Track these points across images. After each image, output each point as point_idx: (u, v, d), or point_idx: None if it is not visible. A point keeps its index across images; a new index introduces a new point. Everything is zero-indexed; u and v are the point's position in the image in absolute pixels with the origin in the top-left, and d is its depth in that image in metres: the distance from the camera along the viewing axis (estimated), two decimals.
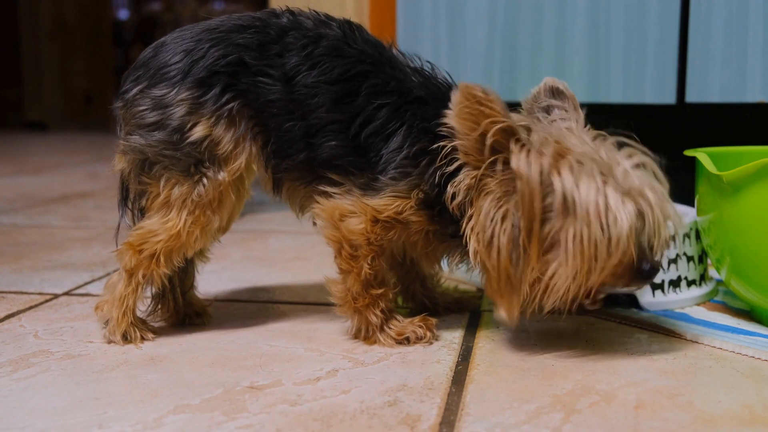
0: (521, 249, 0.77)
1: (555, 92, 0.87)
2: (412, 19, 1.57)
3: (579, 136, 0.80)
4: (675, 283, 1.02)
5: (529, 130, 0.79)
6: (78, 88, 5.77)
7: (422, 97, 0.85)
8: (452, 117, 0.79)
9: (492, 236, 0.79)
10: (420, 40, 1.57)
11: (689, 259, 1.04)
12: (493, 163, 0.79)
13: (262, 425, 0.67)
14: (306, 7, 0.91)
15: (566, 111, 0.85)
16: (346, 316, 0.90)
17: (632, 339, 0.90)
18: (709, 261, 1.09)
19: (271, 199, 0.94)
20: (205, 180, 0.86)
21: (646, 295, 1.01)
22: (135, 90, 0.87)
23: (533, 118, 0.85)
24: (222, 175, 0.86)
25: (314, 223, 0.89)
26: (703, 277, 1.07)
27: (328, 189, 0.86)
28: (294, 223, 1.69)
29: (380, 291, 0.88)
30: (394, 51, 0.89)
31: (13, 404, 0.72)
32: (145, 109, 0.86)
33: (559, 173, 0.76)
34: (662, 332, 0.92)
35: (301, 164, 0.88)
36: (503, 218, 0.78)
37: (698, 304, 1.04)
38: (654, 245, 0.78)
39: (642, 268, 0.78)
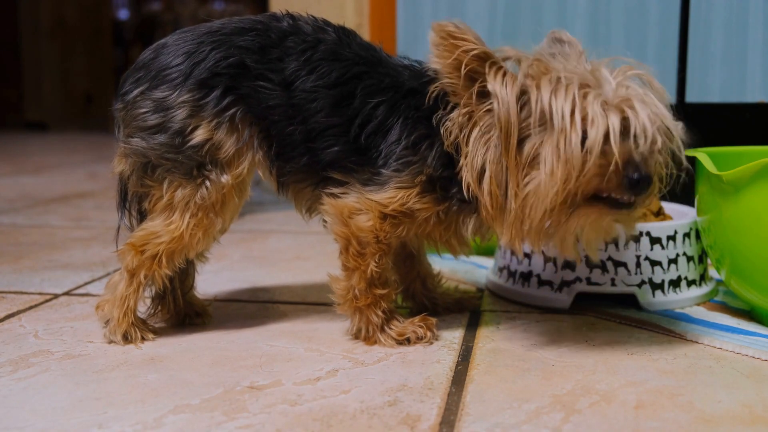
0: (505, 170, 0.78)
1: (559, 41, 0.87)
2: (412, 19, 1.57)
3: (568, 60, 0.80)
4: (675, 283, 1.02)
5: (518, 59, 0.80)
6: (78, 88, 5.77)
7: (414, 87, 0.86)
8: (434, 59, 0.80)
9: (482, 166, 0.80)
10: (420, 40, 1.57)
11: (689, 259, 1.04)
12: (478, 95, 0.79)
13: (262, 425, 0.67)
14: (306, 7, 0.91)
15: (569, 54, 0.85)
16: (347, 315, 0.90)
17: (632, 339, 0.90)
18: (709, 261, 1.09)
19: (276, 198, 0.94)
20: (207, 183, 0.86)
21: (646, 295, 1.01)
22: (136, 92, 0.87)
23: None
24: (225, 178, 0.87)
25: (324, 222, 0.89)
26: (703, 277, 1.07)
27: (334, 190, 0.87)
28: (294, 223, 1.69)
29: (384, 291, 0.88)
30: (384, 53, 0.90)
31: (13, 404, 0.72)
32: (147, 112, 0.86)
33: (538, 89, 0.77)
34: (662, 332, 0.92)
35: (304, 167, 0.88)
36: (489, 146, 0.79)
37: (698, 304, 1.04)
38: (642, 151, 0.77)
39: (629, 174, 0.76)
